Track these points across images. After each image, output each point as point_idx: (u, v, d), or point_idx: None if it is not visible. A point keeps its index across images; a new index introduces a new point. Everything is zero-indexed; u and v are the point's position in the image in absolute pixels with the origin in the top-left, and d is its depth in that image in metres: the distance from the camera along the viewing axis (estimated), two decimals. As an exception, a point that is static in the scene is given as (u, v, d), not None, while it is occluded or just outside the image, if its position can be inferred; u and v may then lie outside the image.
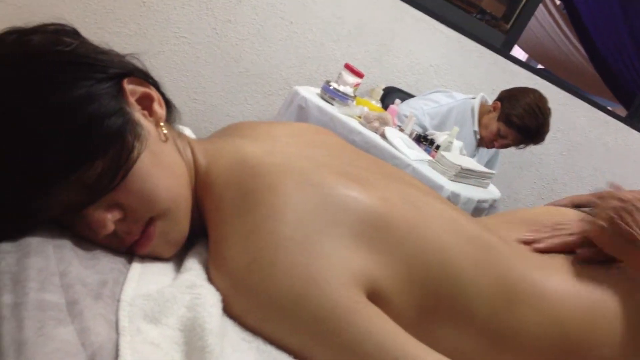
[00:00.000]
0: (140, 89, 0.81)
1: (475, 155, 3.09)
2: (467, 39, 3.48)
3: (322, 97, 2.59)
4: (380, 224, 0.80)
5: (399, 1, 3.32)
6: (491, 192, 2.72)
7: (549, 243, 1.00)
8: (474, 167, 2.53)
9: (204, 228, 0.84)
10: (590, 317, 0.89)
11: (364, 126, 2.47)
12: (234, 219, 0.77)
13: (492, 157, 3.29)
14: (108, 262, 0.73)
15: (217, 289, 0.73)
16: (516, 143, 2.96)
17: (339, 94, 2.55)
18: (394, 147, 2.37)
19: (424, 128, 2.84)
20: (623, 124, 3.82)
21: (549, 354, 0.88)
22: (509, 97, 2.93)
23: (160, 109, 0.83)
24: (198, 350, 0.62)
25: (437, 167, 2.43)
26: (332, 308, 0.71)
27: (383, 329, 0.72)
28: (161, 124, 0.82)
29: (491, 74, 3.57)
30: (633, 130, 3.82)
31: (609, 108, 4.07)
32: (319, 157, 0.91)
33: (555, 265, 0.95)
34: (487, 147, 3.10)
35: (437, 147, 2.56)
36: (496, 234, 0.97)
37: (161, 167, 0.78)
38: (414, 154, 2.39)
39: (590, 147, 3.84)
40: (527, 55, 6.38)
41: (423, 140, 2.62)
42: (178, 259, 0.82)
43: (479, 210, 2.49)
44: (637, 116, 4.03)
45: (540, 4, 3.70)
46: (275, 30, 3.21)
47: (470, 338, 0.86)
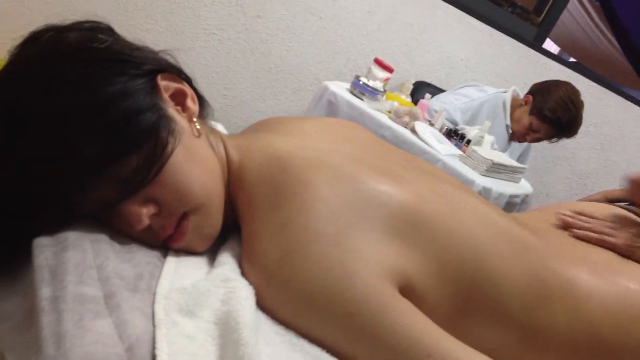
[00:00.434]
0: (174, 85, 0.81)
1: (506, 149, 3.06)
2: (499, 32, 3.45)
3: (352, 92, 2.58)
4: (412, 219, 0.80)
5: (429, -5, 3.30)
6: (523, 187, 2.69)
7: (584, 235, 1.00)
8: (505, 162, 2.50)
9: (236, 222, 0.85)
10: (621, 316, 0.88)
11: (394, 121, 2.46)
12: (267, 213, 0.78)
13: (523, 152, 3.26)
14: (144, 256, 0.74)
15: (250, 282, 0.74)
16: (548, 137, 2.93)
17: (369, 88, 2.54)
18: (424, 142, 2.35)
19: (455, 123, 2.82)
20: (658, 118, 3.75)
21: (579, 351, 0.87)
22: (541, 90, 2.89)
23: (193, 105, 0.84)
24: (233, 343, 0.62)
25: (468, 162, 2.41)
26: (364, 302, 0.71)
27: (416, 324, 0.72)
28: (194, 119, 0.83)
29: (523, 67, 3.53)
30: (668, 124, 3.75)
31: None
32: (350, 152, 0.91)
33: (587, 263, 0.95)
34: (519, 142, 3.07)
35: (468, 141, 2.54)
36: (528, 229, 0.96)
37: (194, 162, 0.78)
38: (445, 149, 2.37)
39: (624, 141, 3.77)
40: (559, 48, 6.29)
41: (454, 134, 2.60)
42: (211, 253, 0.83)
43: (511, 205, 2.47)
44: (673, 109, 3.95)
45: (572, -4, 3.65)
46: (305, 25, 3.21)
47: (502, 333, 0.85)
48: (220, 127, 1.01)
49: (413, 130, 2.42)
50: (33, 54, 0.74)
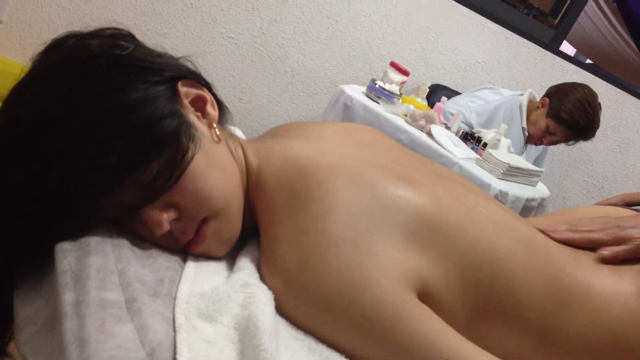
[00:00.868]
0: (194, 91, 0.82)
1: (523, 152, 3.05)
2: (515, 35, 3.43)
3: (368, 96, 2.59)
4: (431, 224, 0.80)
5: (444, -2, 3.30)
6: (540, 190, 2.68)
7: (564, 235, 0.98)
8: (522, 165, 2.49)
9: (255, 227, 0.85)
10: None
11: (410, 124, 2.46)
12: (286, 218, 0.78)
13: (540, 155, 3.24)
14: (164, 261, 0.74)
15: (269, 287, 0.74)
16: (565, 140, 2.91)
17: (385, 92, 2.54)
18: (440, 145, 2.35)
19: (471, 126, 2.81)
20: (676, 120, 3.72)
21: (600, 355, 0.87)
22: (557, 92, 2.88)
23: (213, 111, 0.84)
24: (252, 348, 0.63)
25: (485, 165, 2.40)
26: (383, 308, 0.71)
27: (434, 329, 0.72)
28: (214, 125, 0.83)
29: (539, 70, 3.52)
30: (686, 127, 3.71)
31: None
32: (369, 156, 0.92)
33: (605, 265, 0.94)
34: (536, 144, 3.05)
35: (484, 144, 2.53)
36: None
37: (214, 167, 0.79)
38: (461, 152, 2.37)
39: (641, 144, 3.75)
40: (575, 50, 6.25)
41: (470, 138, 2.60)
42: (230, 258, 0.84)
43: (528, 209, 2.46)
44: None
45: (589, -3, 3.62)
46: (321, 29, 3.22)
47: (519, 338, 0.85)
48: (238, 132, 1.01)
49: (429, 134, 2.41)
50: (56, 61, 0.75)
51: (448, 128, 2.58)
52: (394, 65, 2.65)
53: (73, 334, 0.56)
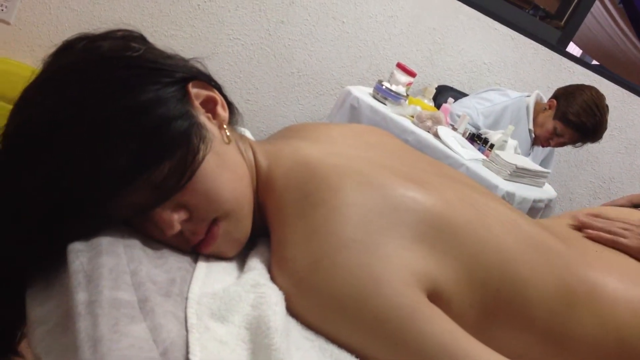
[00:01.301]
0: (204, 92, 0.82)
1: (529, 154, 3.04)
2: (521, 36, 3.43)
3: (375, 97, 2.59)
4: (440, 226, 0.80)
5: (451, -1, 3.30)
6: (547, 191, 2.67)
7: (597, 235, 1.00)
8: (529, 166, 2.49)
9: (265, 228, 0.86)
10: None
11: (417, 125, 2.46)
12: (296, 220, 0.78)
13: (547, 156, 3.24)
14: (175, 261, 0.75)
15: (280, 288, 0.74)
16: (573, 141, 2.91)
17: (392, 93, 2.54)
18: (447, 146, 2.35)
19: (477, 127, 2.80)
20: (682, 121, 3.70)
21: (606, 357, 0.87)
22: (565, 94, 2.87)
23: (223, 112, 0.85)
24: (264, 348, 0.63)
25: (492, 166, 2.40)
26: (394, 309, 0.71)
27: (445, 330, 0.72)
28: (224, 126, 0.84)
29: (546, 71, 3.51)
30: (693, 128, 3.70)
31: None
32: (378, 158, 0.92)
33: (613, 267, 0.94)
34: (543, 146, 3.05)
35: (491, 146, 2.53)
36: (554, 235, 0.96)
37: (225, 168, 0.79)
38: (468, 153, 2.37)
39: (648, 145, 3.74)
40: (581, 51, 6.24)
41: (477, 139, 2.59)
42: (240, 259, 0.84)
43: (535, 210, 2.46)
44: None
45: (595, -2, 3.60)
46: (327, 30, 3.22)
47: (528, 339, 0.85)
48: (247, 134, 1.02)
49: (436, 135, 2.41)
50: (67, 62, 0.75)
51: (455, 129, 2.58)
52: (400, 66, 2.65)
53: (86, 334, 0.57)
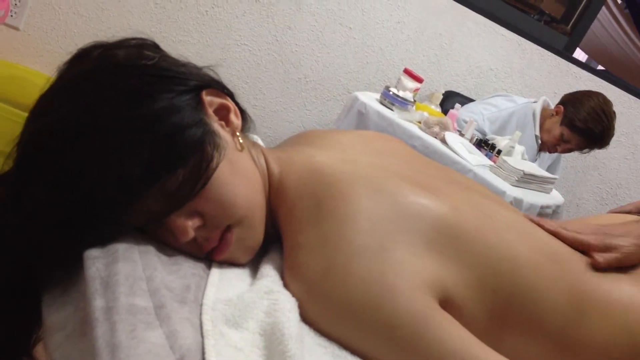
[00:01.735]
0: (218, 100, 0.83)
1: (536, 160, 3.04)
2: (528, 42, 3.43)
3: (382, 103, 2.59)
4: (451, 232, 0.81)
5: (457, 5, 3.29)
6: (554, 197, 2.67)
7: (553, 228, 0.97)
8: (536, 172, 2.49)
9: (277, 235, 0.86)
10: None
11: (424, 131, 2.46)
12: (308, 227, 0.79)
13: (553, 162, 3.23)
14: (189, 268, 0.75)
15: (292, 294, 0.75)
16: (580, 148, 2.90)
17: (399, 99, 2.55)
18: (454, 152, 2.35)
19: (484, 133, 2.81)
20: (690, 127, 3.70)
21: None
22: (572, 100, 2.87)
23: (236, 119, 0.85)
24: (279, 355, 0.63)
25: (499, 172, 2.40)
26: (406, 315, 0.72)
27: (456, 336, 0.73)
28: (237, 133, 0.84)
29: (553, 76, 3.51)
30: (700, 134, 3.69)
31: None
32: (388, 165, 0.92)
33: (626, 273, 0.94)
34: (550, 152, 3.04)
35: (499, 152, 2.53)
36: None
37: (238, 175, 0.80)
38: (475, 159, 2.37)
39: (656, 151, 3.73)
40: (587, 56, 6.23)
41: (484, 145, 2.59)
42: (253, 265, 0.85)
43: (543, 216, 2.45)
44: None
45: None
46: (334, 36, 3.23)
47: (539, 346, 0.85)
48: (259, 141, 1.02)
49: (443, 141, 2.41)
50: (82, 70, 0.76)
51: (462, 135, 2.58)
52: (407, 72, 2.66)
53: (104, 340, 0.57)
